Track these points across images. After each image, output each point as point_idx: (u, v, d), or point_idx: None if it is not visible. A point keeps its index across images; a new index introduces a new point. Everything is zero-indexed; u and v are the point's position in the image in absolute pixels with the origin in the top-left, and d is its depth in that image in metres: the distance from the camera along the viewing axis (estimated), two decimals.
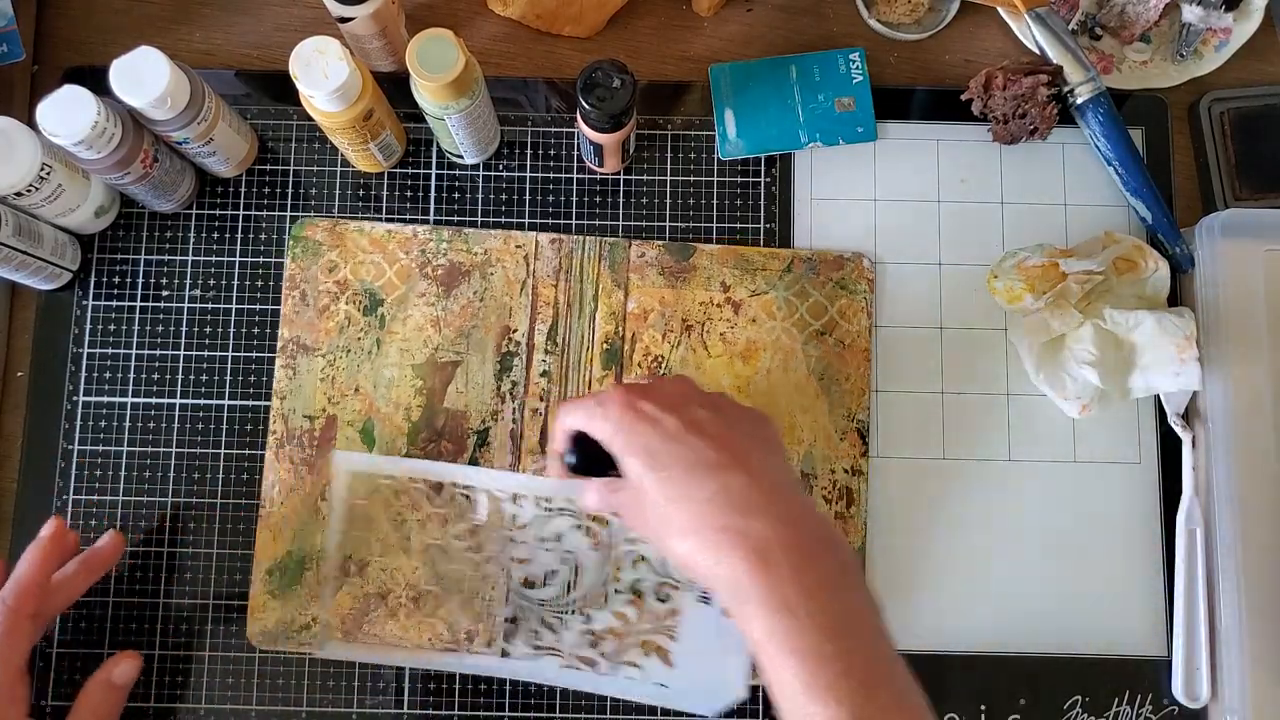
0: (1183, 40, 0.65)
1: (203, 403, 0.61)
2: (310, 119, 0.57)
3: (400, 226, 0.62)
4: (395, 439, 0.60)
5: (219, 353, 0.62)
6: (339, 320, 0.61)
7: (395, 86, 0.60)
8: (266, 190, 0.64)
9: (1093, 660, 0.59)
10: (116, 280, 0.62)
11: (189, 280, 0.63)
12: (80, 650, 0.58)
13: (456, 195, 0.64)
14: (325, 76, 0.53)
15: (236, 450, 0.61)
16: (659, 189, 0.64)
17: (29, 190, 0.54)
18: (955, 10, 0.66)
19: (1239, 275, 0.61)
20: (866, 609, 0.41)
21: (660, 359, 0.61)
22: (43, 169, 0.54)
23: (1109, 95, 0.62)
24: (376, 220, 0.63)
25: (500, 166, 0.64)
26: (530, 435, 0.60)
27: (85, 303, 0.62)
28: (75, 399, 0.61)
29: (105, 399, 0.61)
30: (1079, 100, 0.62)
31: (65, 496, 0.60)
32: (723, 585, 0.41)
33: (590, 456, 0.47)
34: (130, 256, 0.63)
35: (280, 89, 0.65)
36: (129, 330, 0.62)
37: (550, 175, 0.64)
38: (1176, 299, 0.63)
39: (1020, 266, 0.60)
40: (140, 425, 0.61)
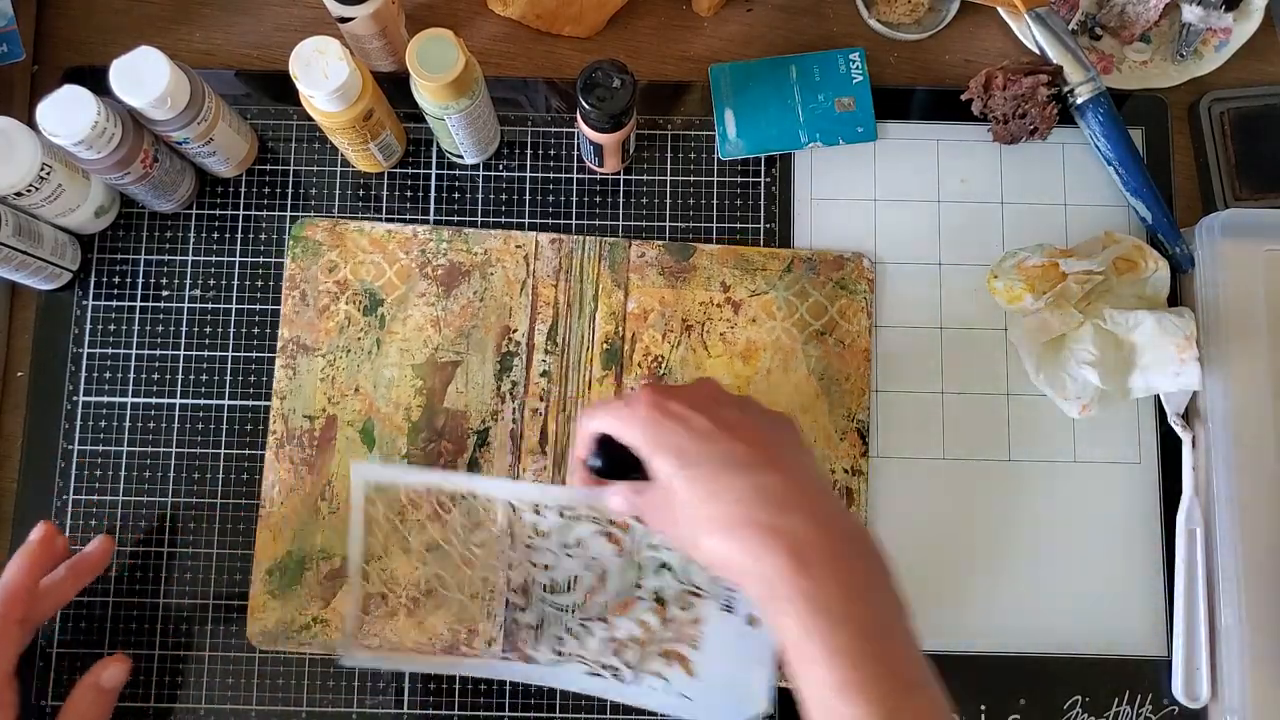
0: (1183, 40, 0.65)
1: (203, 403, 0.61)
2: (310, 119, 0.57)
3: (400, 226, 0.62)
4: (395, 439, 0.60)
5: (219, 353, 0.62)
6: (339, 320, 0.61)
7: (395, 86, 0.60)
8: (266, 190, 0.64)
9: (1093, 660, 0.59)
10: (116, 280, 0.62)
11: (189, 280, 0.63)
12: (80, 650, 0.58)
13: (456, 195, 0.64)
14: (325, 76, 0.53)
15: (236, 450, 0.61)
16: (659, 189, 0.64)
17: (29, 190, 0.54)
18: (955, 10, 0.66)
19: (1239, 275, 0.61)
20: (898, 610, 0.41)
21: (660, 359, 0.61)
22: (43, 169, 0.54)
23: (1109, 95, 0.62)
24: (376, 220, 0.63)
25: (500, 166, 0.64)
26: (530, 435, 0.60)
27: (85, 303, 0.62)
28: (75, 399, 0.61)
29: (105, 399, 0.61)
30: (1079, 100, 0.62)
31: (65, 496, 0.60)
32: (757, 583, 0.40)
33: (615, 460, 0.46)
34: (130, 256, 0.63)
35: (280, 89, 0.65)
36: (129, 330, 0.62)
37: (550, 175, 0.64)
38: (1176, 299, 0.63)
39: (1020, 266, 0.60)
40: (140, 425, 0.61)
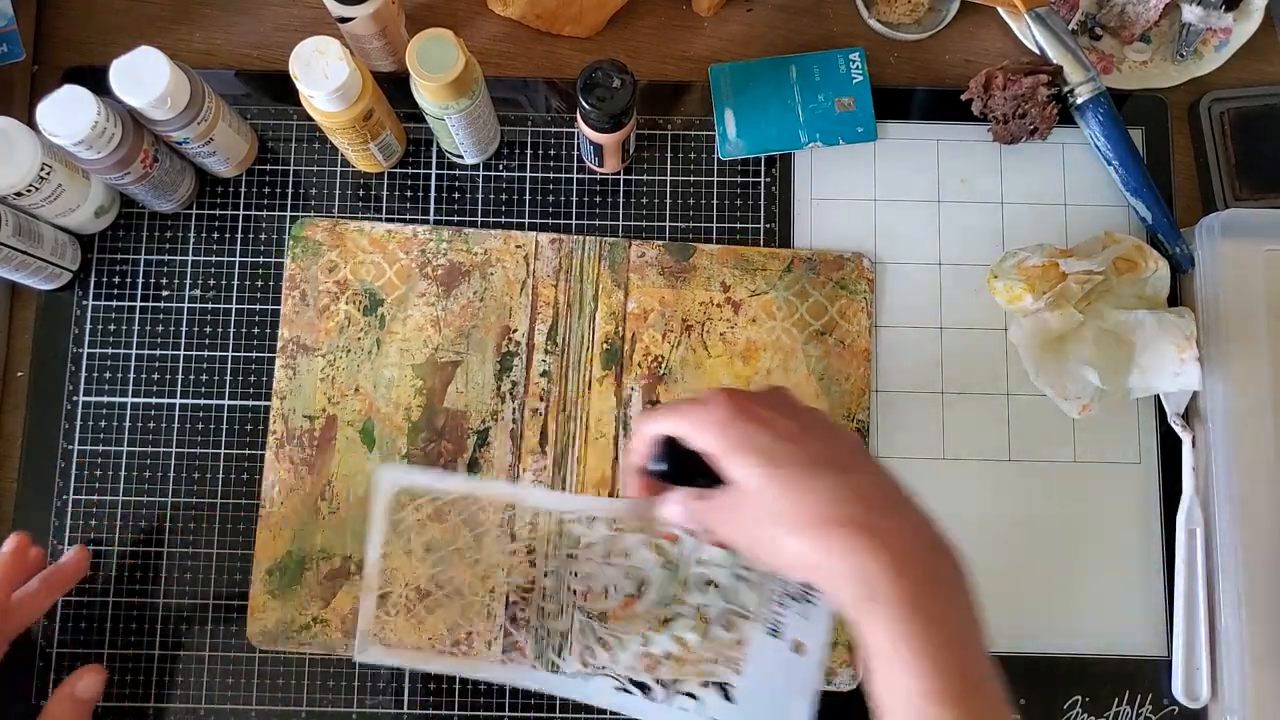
0: (1183, 40, 0.65)
1: (203, 403, 0.61)
2: (310, 119, 0.57)
3: (400, 226, 0.62)
4: (395, 439, 0.60)
5: (219, 353, 0.62)
6: (339, 320, 0.61)
7: (395, 86, 0.60)
8: (266, 190, 0.64)
9: (1093, 660, 0.59)
10: (116, 280, 0.62)
11: (189, 280, 0.63)
12: (80, 650, 0.58)
13: (456, 195, 0.64)
14: (325, 76, 0.53)
15: (236, 450, 0.61)
16: (659, 189, 0.64)
17: (29, 190, 0.54)
18: (955, 10, 0.66)
19: (1239, 275, 0.61)
20: (980, 616, 0.40)
21: (660, 359, 0.61)
22: (43, 169, 0.54)
23: (1109, 95, 0.62)
24: (376, 220, 0.63)
25: (500, 166, 0.64)
26: (530, 435, 0.60)
27: (85, 303, 0.62)
28: (75, 399, 0.61)
29: (105, 399, 0.61)
30: (1079, 100, 0.62)
31: (65, 496, 0.60)
32: (847, 582, 0.38)
33: (679, 465, 0.44)
34: (130, 256, 0.63)
35: (280, 89, 0.65)
36: (129, 330, 0.62)
37: (550, 175, 0.64)
38: (1176, 299, 0.63)
39: (1020, 266, 0.60)
40: (140, 425, 0.61)
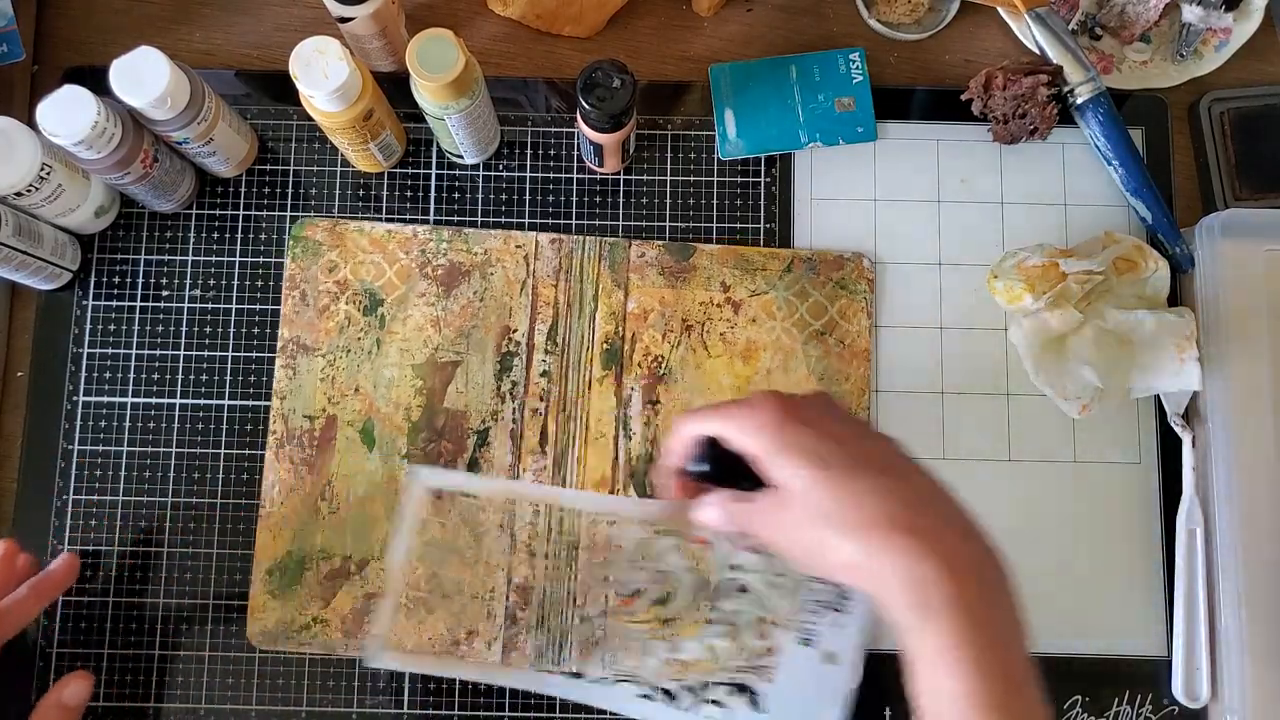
0: (1183, 40, 0.65)
1: (203, 403, 0.61)
2: (310, 119, 0.57)
3: (400, 226, 0.62)
4: (395, 439, 0.60)
5: (219, 353, 0.62)
6: (339, 320, 0.61)
7: (395, 86, 0.60)
8: (266, 190, 0.64)
9: (1093, 660, 0.59)
10: (116, 280, 0.62)
11: (189, 280, 0.63)
12: (79, 650, 0.58)
13: (456, 195, 0.64)
14: (325, 76, 0.53)
15: (236, 450, 0.61)
16: (659, 189, 0.64)
17: (29, 190, 0.54)
18: (955, 10, 0.66)
19: (1239, 275, 0.61)
20: (1023, 617, 0.40)
21: (660, 359, 0.61)
22: (43, 169, 0.54)
23: (1109, 95, 0.62)
24: (376, 220, 0.63)
25: (500, 166, 0.64)
26: (530, 435, 0.60)
27: (85, 303, 0.62)
28: (75, 399, 0.61)
29: (105, 399, 0.61)
30: (1079, 100, 0.62)
31: (65, 496, 0.60)
32: (895, 586, 0.38)
33: (719, 466, 0.44)
34: (130, 256, 0.63)
35: (280, 89, 0.65)
36: (129, 330, 0.62)
37: (550, 175, 0.64)
38: (1176, 299, 0.63)
39: (1020, 266, 0.60)
40: (140, 425, 0.61)
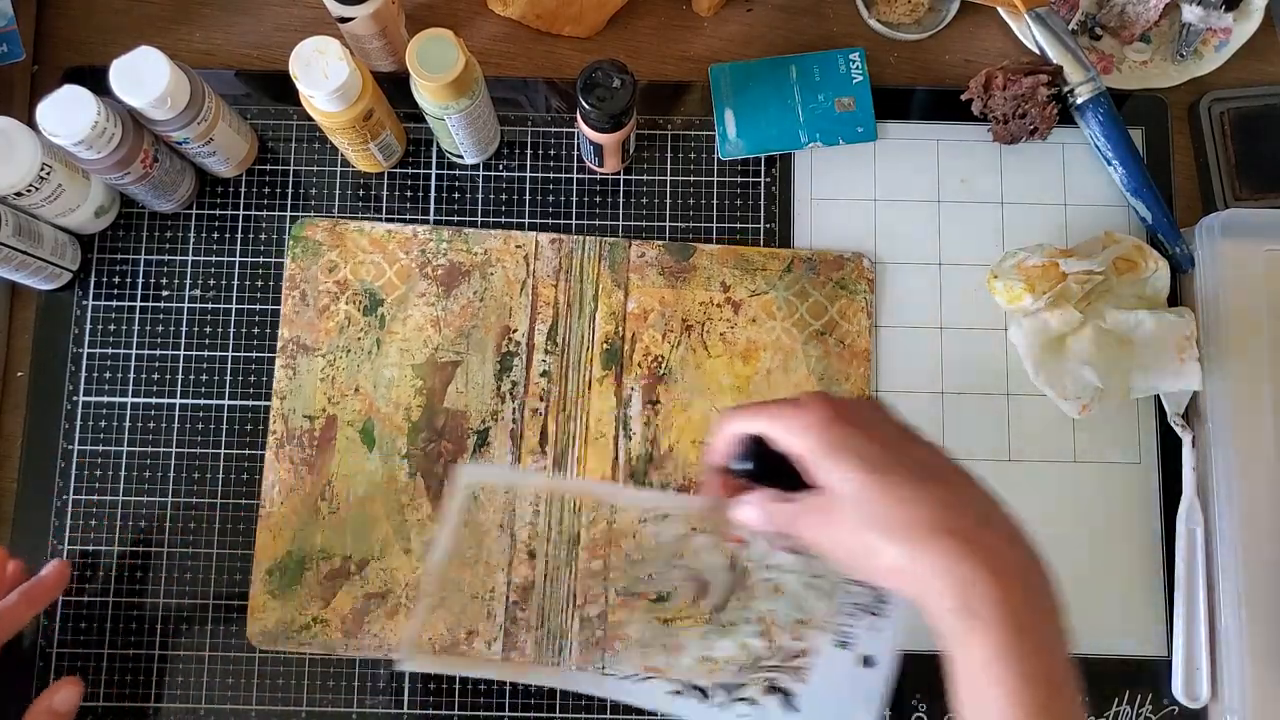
0: (1183, 40, 0.65)
1: (203, 403, 0.61)
2: (310, 119, 0.57)
3: (400, 226, 0.62)
4: (395, 439, 0.60)
5: (219, 353, 0.62)
6: (339, 320, 0.61)
7: (395, 86, 0.60)
8: (266, 190, 0.64)
9: (1093, 660, 0.59)
10: (116, 280, 0.62)
11: (189, 280, 0.63)
12: (80, 650, 0.58)
13: (456, 195, 0.64)
14: (325, 76, 0.53)
15: (236, 450, 0.61)
16: (659, 189, 0.64)
17: (29, 190, 0.54)
18: (955, 10, 0.66)
19: (1239, 275, 0.61)
20: (1065, 623, 0.40)
21: (660, 359, 0.61)
22: (43, 169, 0.54)
23: (1109, 95, 0.62)
24: (376, 220, 0.63)
25: (500, 166, 0.64)
26: (530, 435, 0.60)
27: (85, 303, 0.62)
28: (75, 399, 0.61)
29: (105, 399, 0.61)
30: (1079, 100, 0.62)
31: (65, 496, 0.60)
32: (944, 593, 0.38)
33: (764, 465, 0.43)
34: (130, 256, 0.63)
35: (280, 89, 0.65)
36: (129, 330, 0.62)
37: (550, 175, 0.64)
38: (1176, 299, 0.63)
39: (1020, 266, 0.60)
40: (140, 425, 0.61)
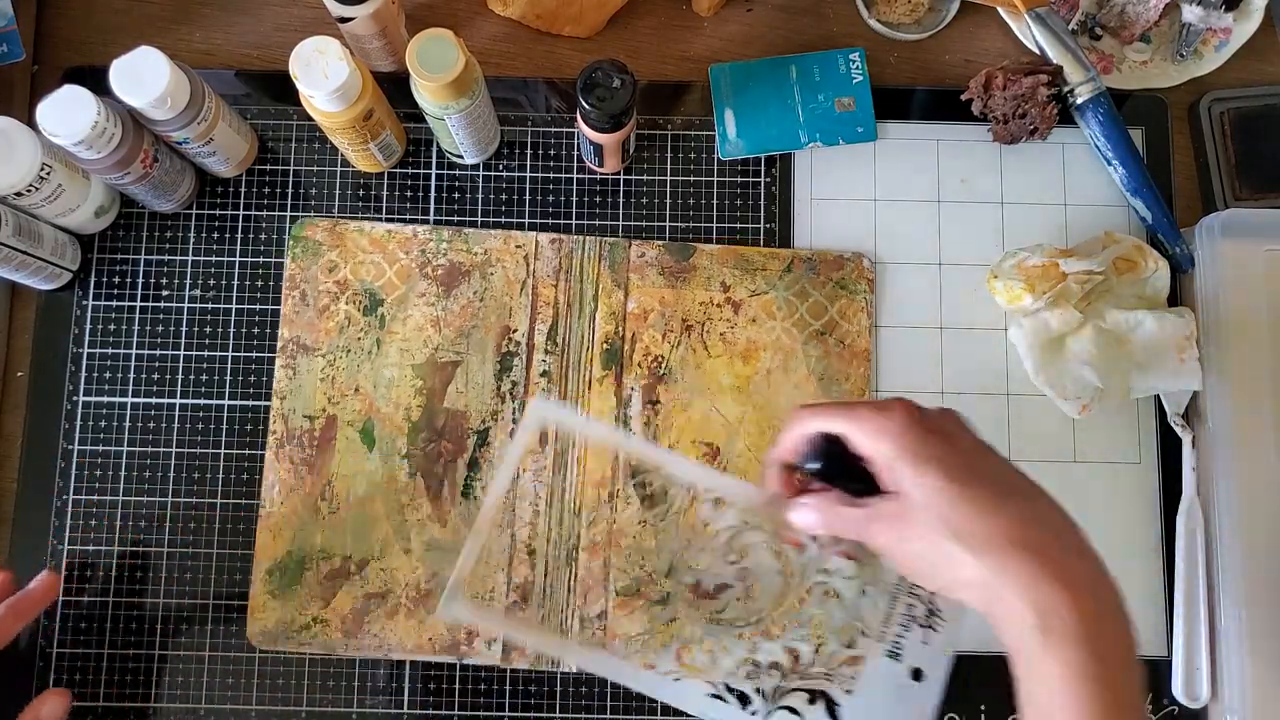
0: (1183, 40, 0.65)
1: (203, 403, 0.61)
2: (310, 119, 0.57)
3: (400, 226, 0.62)
4: (395, 439, 0.60)
5: (219, 353, 0.62)
6: (339, 320, 0.61)
7: (395, 86, 0.60)
8: (266, 190, 0.64)
9: None
10: (116, 280, 0.62)
11: (189, 280, 0.63)
12: (80, 650, 0.58)
13: (456, 195, 0.64)
14: (325, 76, 0.53)
15: (236, 450, 0.61)
16: (659, 189, 0.64)
17: (29, 190, 0.54)
18: (955, 10, 0.66)
19: (1239, 275, 0.61)
20: (1135, 641, 0.40)
21: (660, 359, 0.61)
22: (43, 169, 0.54)
23: (1109, 95, 0.62)
24: (376, 220, 0.63)
25: (500, 166, 0.64)
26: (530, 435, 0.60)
27: (85, 303, 0.62)
28: (75, 399, 0.61)
29: (105, 399, 0.61)
30: (1079, 100, 0.62)
31: (65, 496, 0.60)
32: (1022, 609, 0.38)
33: (831, 465, 0.43)
34: (130, 256, 0.63)
35: (280, 89, 0.65)
36: (129, 330, 0.62)
37: (550, 175, 0.64)
38: (1176, 299, 0.63)
39: (1020, 266, 0.60)
40: (140, 425, 0.61)
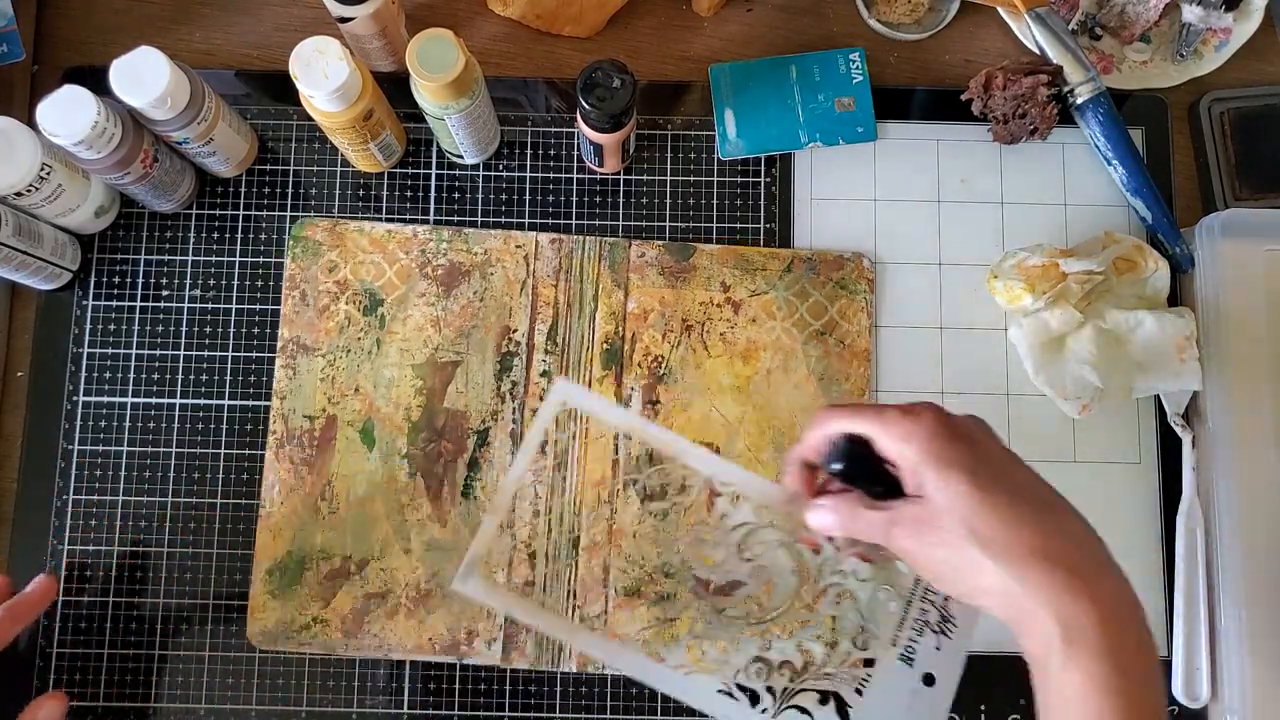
0: (1183, 40, 0.65)
1: (203, 403, 0.61)
2: (310, 119, 0.57)
3: (400, 226, 0.62)
4: (395, 439, 0.60)
5: (219, 353, 0.62)
6: (339, 320, 0.61)
7: (395, 86, 0.60)
8: (266, 190, 0.64)
9: None
10: (116, 280, 0.62)
11: (189, 280, 0.63)
12: (79, 650, 0.58)
13: (456, 195, 0.64)
14: (325, 76, 0.53)
15: (236, 450, 0.61)
16: (659, 189, 0.64)
17: (29, 190, 0.54)
18: (955, 10, 0.66)
19: (1239, 275, 0.61)
20: (1156, 654, 0.40)
21: (660, 359, 0.61)
22: (43, 169, 0.54)
23: (1109, 95, 0.62)
24: (376, 220, 0.63)
25: (500, 166, 0.64)
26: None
27: (85, 303, 0.62)
28: (75, 399, 0.61)
29: (105, 399, 0.61)
30: (1079, 100, 0.62)
31: (65, 496, 0.60)
32: (1046, 620, 0.38)
33: (854, 466, 0.42)
34: (130, 256, 0.63)
35: (280, 89, 0.65)
36: (129, 330, 0.62)
37: (550, 175, 0.64)
38: (1176, 299, 0.63)
39: (1020, 266, 0.60)
40: (140, 425, 0.61)
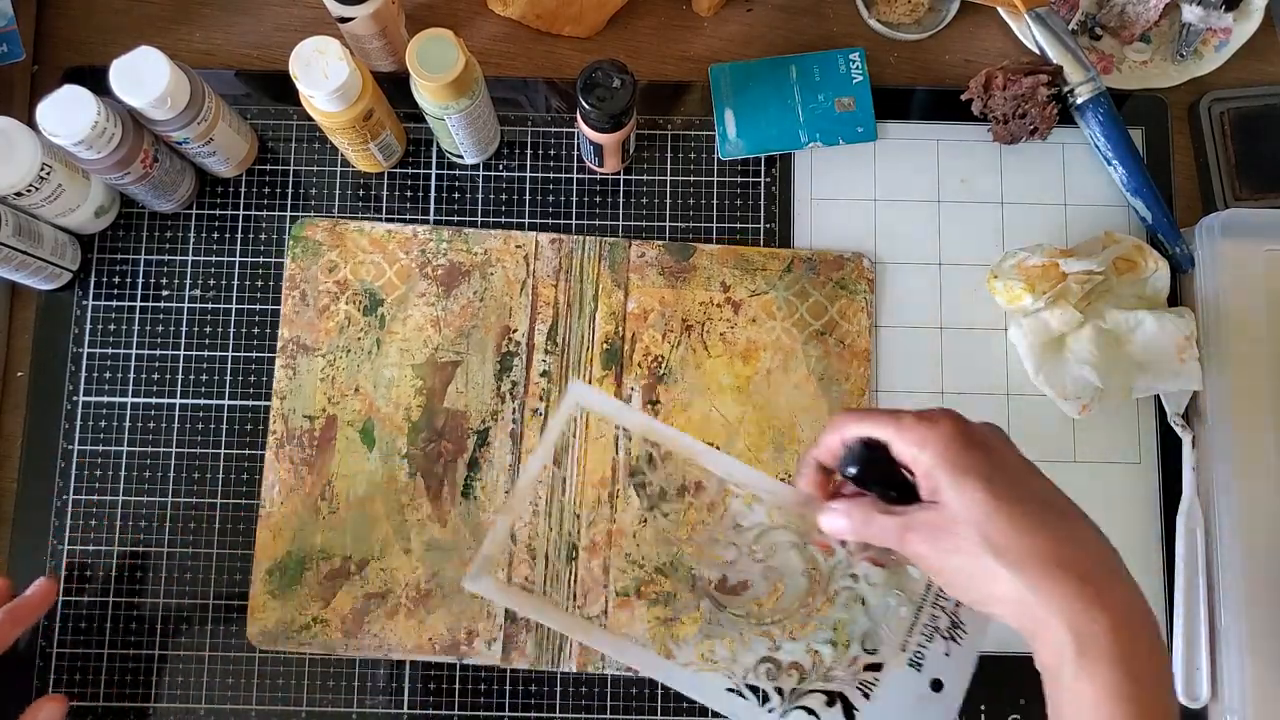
0: (1183, 40, 0.65)
1: (203, 403, 0.61)
2: (310, 119, 0.57)
3: (400, 226, 0.62)
4: (395, 439, 0.60)
5: (219, 353, 0.62)
6: (339, 320, 0.61)
7: (395, 86, 0.60)
8: (266, 190, 0.64)
9: None
10: (116, 280, 0.62)
11: (189, 280, 0.63)
12: (79, 650, 0.58)
13: (456, 195, 0.64)
14: (325, 76, 0.53)
15: (236, 450, 0.61)
16: (659, 189, 0.64)
17: (29, 190, 0.54)
18: (955, 10, 0.66)
19: (1239, 275, 0.61)
20: (1168, 662, 0.40)
21: (660, 359, 0.61)
22: (43, 169, 0.54)
23: (1109, 95, 0.62)
24: (376, 220, 0.63)
25: (500, 166, 0.64)
26: (530, 435, 0.60)
27: (85, 303, 0.62)
28: (75, 399, 0.61)
29: (105, 399, 0.61)
30: (1079, 100, 0.62)
31: (65, 496, 0.60)
32: (1059, 630, 0.38)
33: (869, 470, 0.42)
34: (130, 256, 0.63)
35: (280, 89, 0.65)
36: (129, 330, 0.62)
37: (550, 175, 0.64)
38: (1176, 299, 0.63)
39: (1020, 266, 0.60)
40: (140, 425, 0.61)
